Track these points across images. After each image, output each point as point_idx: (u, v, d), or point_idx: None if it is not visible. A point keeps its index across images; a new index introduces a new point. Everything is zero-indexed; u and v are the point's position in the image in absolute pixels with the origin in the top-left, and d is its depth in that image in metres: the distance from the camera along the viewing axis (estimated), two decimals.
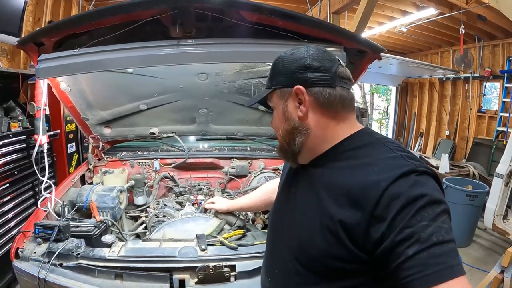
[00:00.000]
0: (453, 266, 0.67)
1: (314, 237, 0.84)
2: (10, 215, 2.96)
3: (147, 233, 2.05)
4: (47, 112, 2.12)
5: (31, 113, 3.33)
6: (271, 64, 0.99)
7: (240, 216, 1.97)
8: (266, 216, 2.21)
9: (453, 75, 7.13)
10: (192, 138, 3.15)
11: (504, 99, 5.96)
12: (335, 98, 0.89)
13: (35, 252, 1.58)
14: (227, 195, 2.55)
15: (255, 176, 2.66)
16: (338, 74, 0.89)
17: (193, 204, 2.31)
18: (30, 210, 3.17)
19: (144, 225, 2.24)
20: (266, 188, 1.76)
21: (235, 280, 1.51)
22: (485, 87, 6.55)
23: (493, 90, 6.55)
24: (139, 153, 2.84)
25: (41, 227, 1.66)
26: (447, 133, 7.52)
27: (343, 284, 0.82)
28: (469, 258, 4.05)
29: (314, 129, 0.91)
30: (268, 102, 1.01)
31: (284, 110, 0.94)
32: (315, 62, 0.89)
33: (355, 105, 1.01)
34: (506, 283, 2.45)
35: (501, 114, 5.99)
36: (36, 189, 3.29)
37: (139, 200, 2.50)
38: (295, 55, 0.92)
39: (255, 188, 2.28)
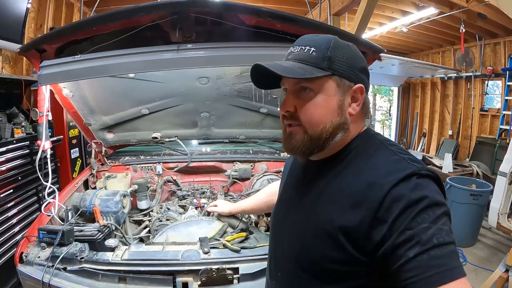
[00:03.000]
0: (453, 268, 0.67)
1: (314, 241, 0.84)
2: (14, 220, 2.97)
3: (150, 237, 2.06)
4: (50, 117, 2.13)
5: (34, 119, 3.34)
6: None
7: (243, 219, 1.98)
8: (269, 218, 2.21)
9: (455, 74, 7.11)
10: (194, 142, 3.17)
11: (506, 97, 5.94)
12: (368, 103, 0.92)
13: (39, 257, 1.59)
14: (230, 198, 2.56)
15: (257, 179, 2.66)
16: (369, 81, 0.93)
17: (196, 208, 2.32)
18: (34, 215, 3.17)
19: (147, 229, 2.25)
20: (269, 190, 1.76)
21: (238, 282, 1.51)
22: (487, 85, 6.53)
23: (495, 89, 6.53)
24: (142, 157, 2.86)
25: (45, 232, 1.67)
26: (450, 132, 7.49)
27: (344, 286, 0.82)
28: (474, 258, 4.03)
29: (351, 130, 0.90)
30: (307, 84, 0.86)
31: (340, 102, 0.87)
32: (367, 67, 0.92)
33: None
34: (511, 282, 2.44)
35: (504, 112, 5.97)
36: (40, 194, 3.30)
37: (142, 204, 2.51)
38: (352, 49, 0.90)
39: (258, 191, 2.29)
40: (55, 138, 3.53)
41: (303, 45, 0.89)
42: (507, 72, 5.85)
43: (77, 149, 4.32)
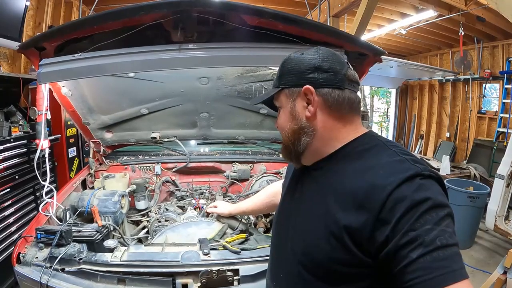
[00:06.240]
0: (456, 270, 0.67)
1: (318, 242, 0.84)
2: (11, 220, 2.95)
3: (149, 238, 2.05)
4: (49, 116, 2.11)
5: (32, 117, 3.32)
6: (272, 68, 1.00)
7: (243, 220, 1.97)
8: (268, 219, 2.21)
9: (453, 77, 7.13)
10: (193, 142, 3.16)
11: (504, 100, 5.97)
12: (344, 100, 0.89)
13: (36, 257, 1.58)
14: (229, 199, 2.55)
15: (256, 180, 2.66)
16: (347, 77, 0.90)
17: (194, 208, 2.31)
18: (31, 215, 3.15)
19: (146, 229, 2.24)
20: (268, 191, 1.75)
21: (238, 284, 1.51)
22: (485, 88, 6.55)
23: (493, 91, 6.55)
24: (141, 157, 2.84)
25: (43, 232, 1.66)
26: (447, 134, 7.51)
27: None
28: (471, 260, 4.05)
29: (321, 130, 0.91)
30: (274, 102, 1.01)
31: (291, 110, 0.93)
32: (325, 64, 0.89)
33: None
34: (509, 284, 2.44)
35: (501, 115, 5.99)
36: (37, 194, 3.28)
37: (141, 204, 2.50)
38: (305, 55, 0.92)
39: (257, 192, 2.28)
40: (52, 137, 3.50)
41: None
42: (505, 75, 5.87)
43: (74, 148, 4.30)
